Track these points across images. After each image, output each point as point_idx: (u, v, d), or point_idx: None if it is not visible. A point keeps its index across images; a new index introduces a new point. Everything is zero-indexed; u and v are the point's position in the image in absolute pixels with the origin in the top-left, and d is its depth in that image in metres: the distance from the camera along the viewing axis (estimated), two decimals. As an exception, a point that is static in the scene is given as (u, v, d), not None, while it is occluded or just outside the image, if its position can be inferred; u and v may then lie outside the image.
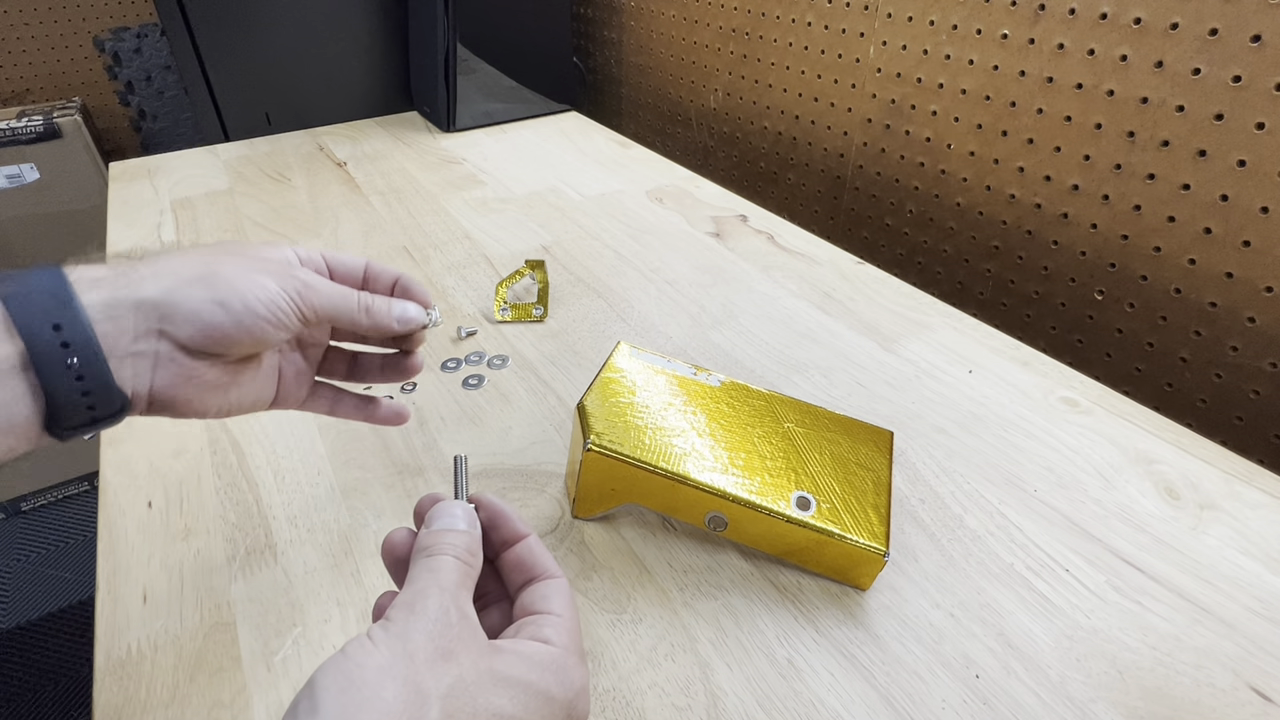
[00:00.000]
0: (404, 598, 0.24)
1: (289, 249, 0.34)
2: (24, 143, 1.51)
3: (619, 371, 0.44)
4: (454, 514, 0.27)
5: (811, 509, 0.38)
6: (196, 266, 0.29)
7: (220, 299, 0.29)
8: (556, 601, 0.27)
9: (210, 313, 0.29)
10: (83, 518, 1.59)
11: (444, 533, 0.26)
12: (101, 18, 1.72)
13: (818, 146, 0.92)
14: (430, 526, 0.27)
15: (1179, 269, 0.60)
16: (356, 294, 0.34)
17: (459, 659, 0.22)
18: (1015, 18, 0.65)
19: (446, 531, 0.27)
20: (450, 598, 0.24)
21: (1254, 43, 0.51)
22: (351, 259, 0.36)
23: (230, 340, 0.29)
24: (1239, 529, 0.42)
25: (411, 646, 0.21)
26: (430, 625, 0.22)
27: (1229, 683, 0.34)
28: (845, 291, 0.66)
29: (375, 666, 0.21)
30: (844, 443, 0.42)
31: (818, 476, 0.40)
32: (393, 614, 0.23)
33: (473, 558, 0.26)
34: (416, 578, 0.25)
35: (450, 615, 0.23)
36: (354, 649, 0.21)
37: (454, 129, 1.07)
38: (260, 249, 0.32)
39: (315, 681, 0.20)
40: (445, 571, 0.25)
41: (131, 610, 0.39)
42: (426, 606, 0.23)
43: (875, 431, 0.44)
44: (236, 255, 0.31)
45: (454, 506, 0.28)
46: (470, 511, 0.28)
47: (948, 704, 0.34)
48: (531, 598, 0.27)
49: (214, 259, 0.30)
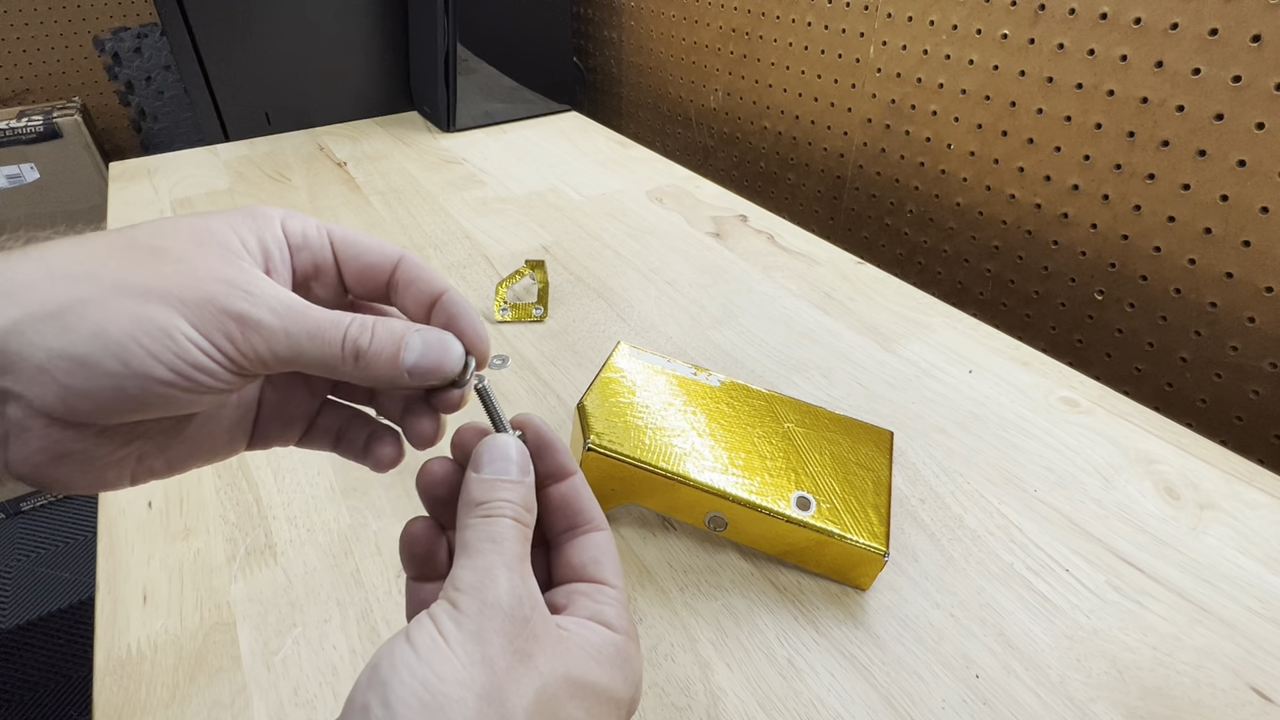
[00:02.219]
0: (468, 576, 0.20)
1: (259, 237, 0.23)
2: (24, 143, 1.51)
3: (619, 371, 0.44)
4: (508, 456, 0.23)
5: (811, 509, 0.38)
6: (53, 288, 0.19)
7: (81, 354, 0.18)
8: (609, 567, 0.24)
9: (67, 374, 0.18)
10: (83, 518, 1.59)
11: (498, 484, 0.22)
12: (101, 18, 1.72)
13: (818, 146, 0.92)
14: (480, 470, 0.23)
15: (1179, 269, 0.60)
16: (343, 329, 0.22)
17: (537, 663, 0.20)
18: (1015, 18, 0.65)
19: (501, 483, 0.23)
20: (519, 579, 0.21)
21: (1254, 43, 0.51)
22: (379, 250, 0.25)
23: (109, 411, 0.19)
24: (1239, 529, 0.42)
25: (491, 652, 0.19)
26: (506, 623, 0.19)
27: (1229, 683, 0.34)
28: (845, 291, 0.66)
29: (455, 679, 0.18)
30: (844, 443, 0.42)
31: (818, 476, 0.40)
32: (461, 601, 0.20)
33: (529, 514, 0.23)
34: (477, 548, 0.21)
35: (524, 606, 0.20)
36: (428, 650, 0.18)
37: (454, 129, 1.07)
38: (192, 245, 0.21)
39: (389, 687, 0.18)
40: (508, 541, 0.21)
41: (131, 610, 0.39)
42: (499, 595, 0.20)
43: (875, 431, 0.44)
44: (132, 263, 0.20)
45: (507, 446, 0.23)
46: (523, 452, 0.24)
47: (948, 704, 0.34)
48: (581, 557, 0.24)
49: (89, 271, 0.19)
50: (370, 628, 0.38)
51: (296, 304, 0.21)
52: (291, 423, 0.27)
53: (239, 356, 0.20)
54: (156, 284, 0.19)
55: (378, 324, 0.22)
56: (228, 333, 0.20)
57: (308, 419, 0.27)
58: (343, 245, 0.25)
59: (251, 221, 0.23)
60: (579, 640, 0.21)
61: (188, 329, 0.19)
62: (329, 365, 0.22)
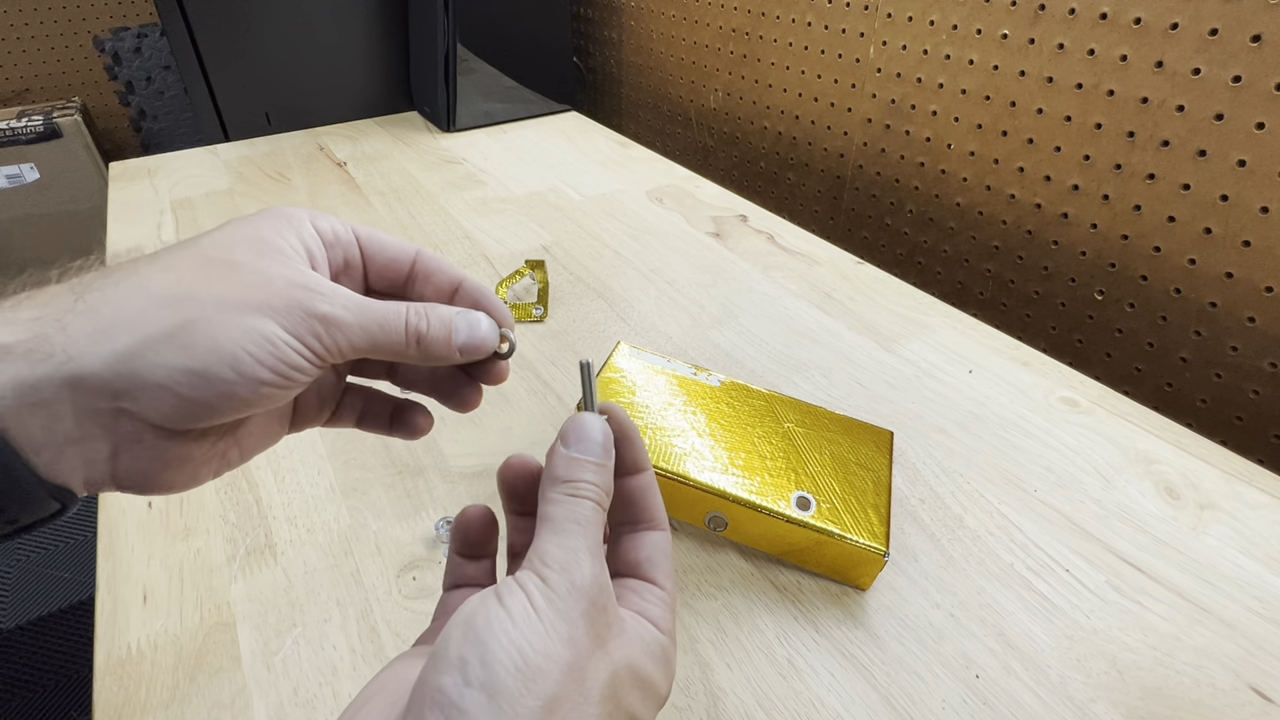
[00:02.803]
0: (557, 554, 0.21)
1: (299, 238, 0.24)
2: (24, 143, 1.51)
3: (619, 371, 0.44)
4: (594, 437, 0.24)
5: (811, 509, 0.38)
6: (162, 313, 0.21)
7: (200, 367, 0.21)
8: (662, 568, 0.25)
9: (189, 387, 0.21)
10: (83, 518, 1.59)
11: (584, 464, 0.23)
12: (101, 18, 1.72)
13: (818, 146, 0.92)
14: (569, 447, 0.24)
15: (1179, 269, 0.60)
16: (404, 317, 0.25)
17: (610, 649, 0.21)
18: (1015, 18, 0.65)
19: (586, 463, 0.23)
20: (600, 566, 0.21)
21: (1254, 43, 0.51)
22: (399, 246, 0.27)
23: (219, 413, 0.22)
24: (1239, 529, 0.42)
25: (576, 632, 0.20)
26: (590, 607, 0.20)
27: (1229, 683, 0.34)
28: (845, 291, 0.66)
29: (544, 651, 0.19)
30: (844, 443, 0.42)
31: (818, 476, 0.40)
32: (551, 578, 0.20)
33: (608, 498, 0.23)
34: (564, 527, 0.22)
35: (604, 594, 0.21)
36: (522, 619, 0.19)
37: (454, 129, 1.07)
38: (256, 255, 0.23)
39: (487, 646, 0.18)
40: (591, 526, 0.22)
41: (131, 610, 0.39)
42: (584, 579, 0.20)
43: (875, 431, 0.44)
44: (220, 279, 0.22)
45: (594, 427, 0.24)
46: (609, 434, 0.24)
47: (948, 704, 0.34)
48: (637, 554, 0.25)
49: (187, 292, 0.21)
50: (370, 628, 0.38)
51: (363, 300, 0.24)
52: (324, 404, 0.29)
53: (324, 352, 0.23)
54: (248, 296, 0.22)
55: (428, 310, 0.25)
56: (315, 333, 0.23)
57: (336, 400, 0.30)
58: (367, 241, 0.27)
59: (287, 224, 0.25)
60: (636, 633, 0.22)
61: (284, 335, 0.22)
62: (396, 350, 0.25)
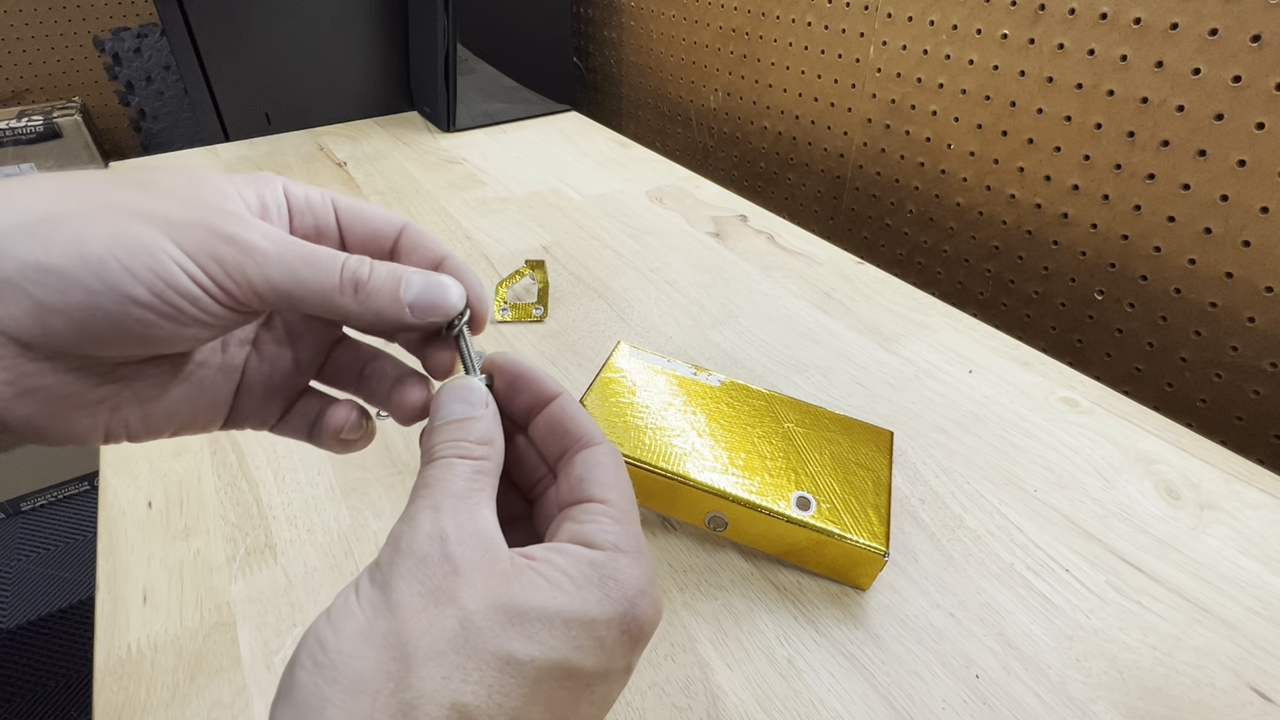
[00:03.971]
0: (396, 528, 0.19)
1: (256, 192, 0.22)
2: (24, 143, 1.51)
3: (619, 371, 0.44)
4: (454, 401, 0.22)
5: (811, 509, 0.38)
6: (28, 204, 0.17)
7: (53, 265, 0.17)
8: (599, 481, 0.22)
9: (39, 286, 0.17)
10: (83, 518, 1.59)
11: (444, 427, 0.21)
12: (101, 18, 1.72)
13: (818, 146, 0.92)
14: (434, 418, 0.22)
15: (1179, 269, 0.60)
16: (339, 260, 0.21)
17: (459, 598, 0.18)
18: (1015, 18, 0.65)
19: (447, 425, 0.21)
20: (448, 516, 0.19)
21: (1254, 43, 0.51)
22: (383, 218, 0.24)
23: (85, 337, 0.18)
24: (1239, 529, 0.42)
25: (396, 597, 0.18)
26: (416, 565, 0.18)
27: (1229, 683, 0.34)
28: (845, 291, 0.66)
29: (354, 633, 0.17)
30: (844, 443, 0.42)
31: (818, 476, 0.40)
32: (381, 555, 0.19)
33: (486, 445, 0.21)
34: (411, 499, 0.20)
35: (447, 544, 0.18)
36: (337, 610, 0.18)
37: (454, 129, 1.07)
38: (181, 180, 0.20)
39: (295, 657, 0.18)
40: (446, 482, 0.20)
41: (131, 610, 0.39)
42: (414, 540, 0.19)
43: (875, 431, 0.44)
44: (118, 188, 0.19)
45: (455, 391, 0.22)
46: (478, 389, 0.22)
47: (948, 704, 0.34)
48: (569, 480, 0.22)
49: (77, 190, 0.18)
50: (370, 628, 0.38)
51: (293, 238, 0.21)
52: (271, 399, 0.25)
53: (228, 283, 0.19)
54: (142, 206, 0.18)
55: (376, 262, 0.22)
56: (218, 255, 0.19)
57: (288, 399, 0.26)
58: (347, 211, 0.24)
59: (254, 182, 0.22)
60: (536, 567, 0.19)
61: (172, 249, 0.18)
62: (327, 297, 0.21)
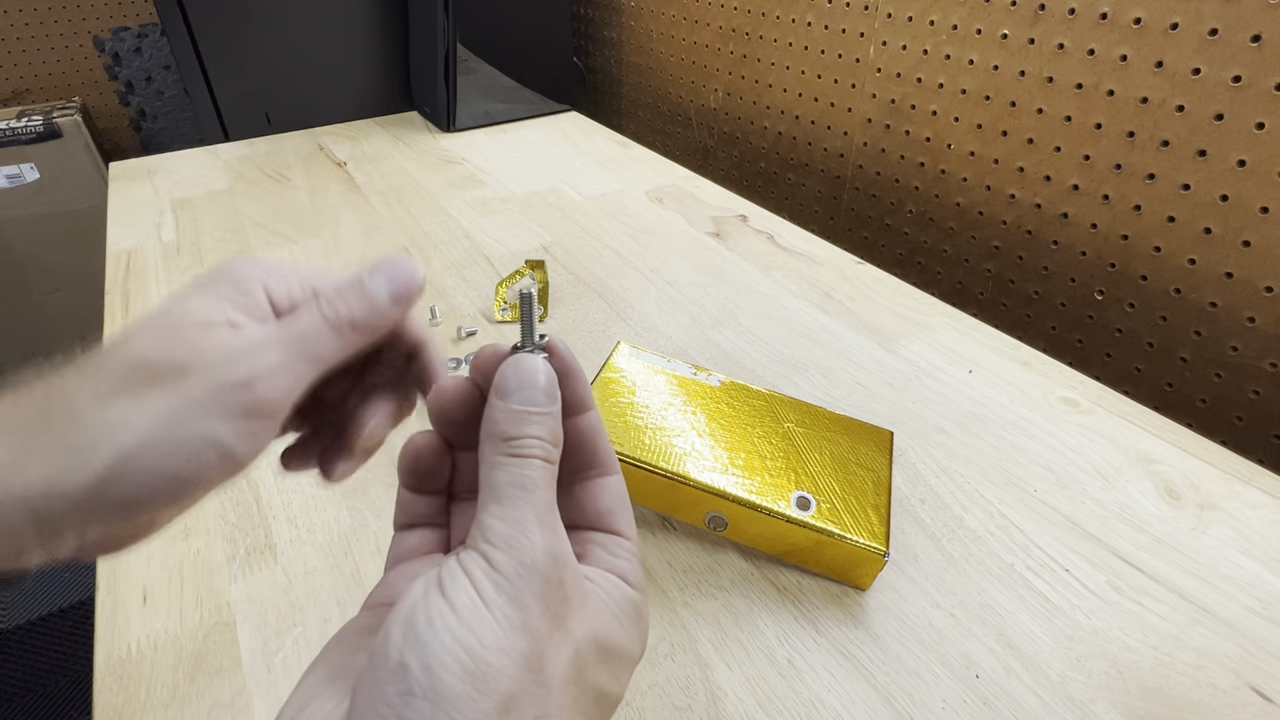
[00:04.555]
0: (501, 529, 0.19)
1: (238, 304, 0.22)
2: (24, 143, 1.51)
3: (619, 371, 0.44)
4: (535, 383, 0.21)
5: (811, 509, 0.38)
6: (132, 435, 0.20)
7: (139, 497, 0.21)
8: (624, 517, 0.23)
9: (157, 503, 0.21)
10: (83, 518, 1.59)
11: (526, 416, 0.21)
12: (101, 18, 1.72)
13: (818, 146, 0.92)
14: (507, 398, 0.21)
15: (1179, 269, 0.60)
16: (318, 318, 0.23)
17: (570, 626, 0.19)
18: (1015, 18, 0.65)
19: (529, 415, 0.21)
20: (553, 534, 0.20)
21: (1254, 43, 0.51)
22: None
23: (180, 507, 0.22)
24: (1239, 529, 0.42)
25: (530, 618, 0.18)
26: (543, 585, 0.19)
27: (1229, 683, 0.34)
28: (845, 291, 0.66)
29: (496, 646, 0.17)
30: (844, 443, 0.42)
31: (818, 476, 0.40)
32: (497, 558, 0.19)
33: (556, 449, 0.21)
34: (509, 494, 0.20)
35: (558, 566, 0.19)
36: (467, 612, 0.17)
37: (454, 129, 1.07)
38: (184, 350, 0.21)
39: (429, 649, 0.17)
40: (539, 489, 0.20)
41: (131, 610, 0.39)
42: (535, 556, 0.19)
43: (875, 431, 0.44)
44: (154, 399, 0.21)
45: (535, 370, 0.22)
46: (552, 376, 0.22)
47: (948, 704, 0.34)
48: (597, 505, 0.23)
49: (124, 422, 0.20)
50: (370, 628, 0.38)
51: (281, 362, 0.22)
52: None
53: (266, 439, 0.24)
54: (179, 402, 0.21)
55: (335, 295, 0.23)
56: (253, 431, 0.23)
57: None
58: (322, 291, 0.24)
59: (233, 291, 0.23)
60: (604, 597, 0.21)
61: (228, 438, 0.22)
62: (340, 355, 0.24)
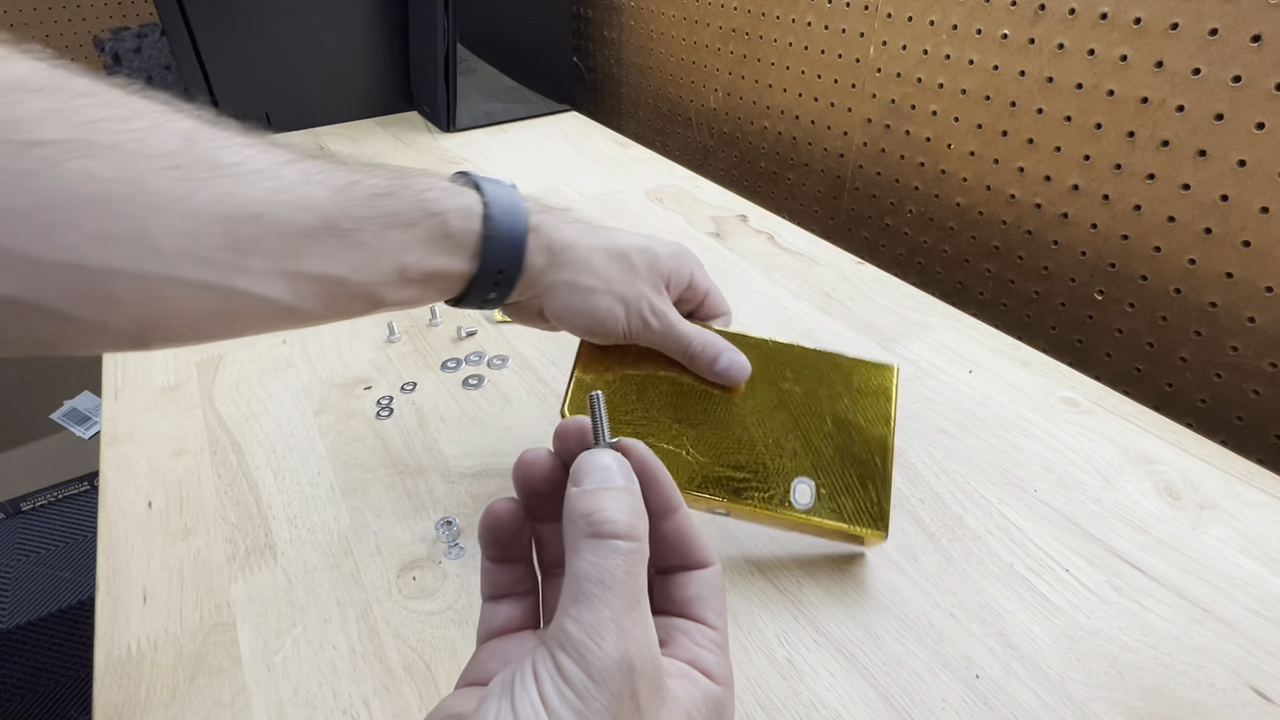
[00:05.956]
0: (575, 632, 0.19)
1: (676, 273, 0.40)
2: (24, 143, 1.51)
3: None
4: (607, 465, 0.22)
5: (811, 499, 0.37)
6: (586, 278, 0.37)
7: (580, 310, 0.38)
8: (713, 606, 0.23)
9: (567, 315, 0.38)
10: (83, 518, 1.59)
11: (601, 492, 0.21)
12: (101, 18, 1.72)
13: (818, 146, 0.92)
14: (581, 483, 0.22)
15: (1179, 269, 0.60)
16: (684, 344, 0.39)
17: None
18: (1015, 18, 0.65)
19: (604, 491, 0.21)
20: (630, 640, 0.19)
21: (1254, 43, 0.51)
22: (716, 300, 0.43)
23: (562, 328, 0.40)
24: (1239, 529, 0.42)
25: None
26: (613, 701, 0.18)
27: (1229, 683, 0.34)
28: (845, 291, 0.66)
29: None
30: (845, 398, 0.40)
31: (819, 451, 0.39)
32: (566, 666, 0.18)
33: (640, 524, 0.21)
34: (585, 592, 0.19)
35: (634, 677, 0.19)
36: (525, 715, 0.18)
37: (454, 129, 1.07)
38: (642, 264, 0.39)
39: None
40: (619, 584, 0.19)
41: (131, 610, 0.39)
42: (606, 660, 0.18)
43: (877, 373, 0.41)
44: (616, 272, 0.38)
45: (604, 455, 0.22)
46: (623, 462, 0.23)
47: (948, 704, 0.34)
48: (684, 592, 0.23)
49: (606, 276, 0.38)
50: (370, 628, 0.38)
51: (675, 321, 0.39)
52: None
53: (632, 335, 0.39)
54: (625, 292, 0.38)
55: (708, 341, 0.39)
56: (636, 325, 0.38)
57: None
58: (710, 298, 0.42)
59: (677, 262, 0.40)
60: (684, 700, 0.20)
61: (623, 320, 0.38)
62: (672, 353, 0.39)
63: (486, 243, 0.34)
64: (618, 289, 0.38)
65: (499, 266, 0.35)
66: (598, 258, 0.38)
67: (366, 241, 0.30)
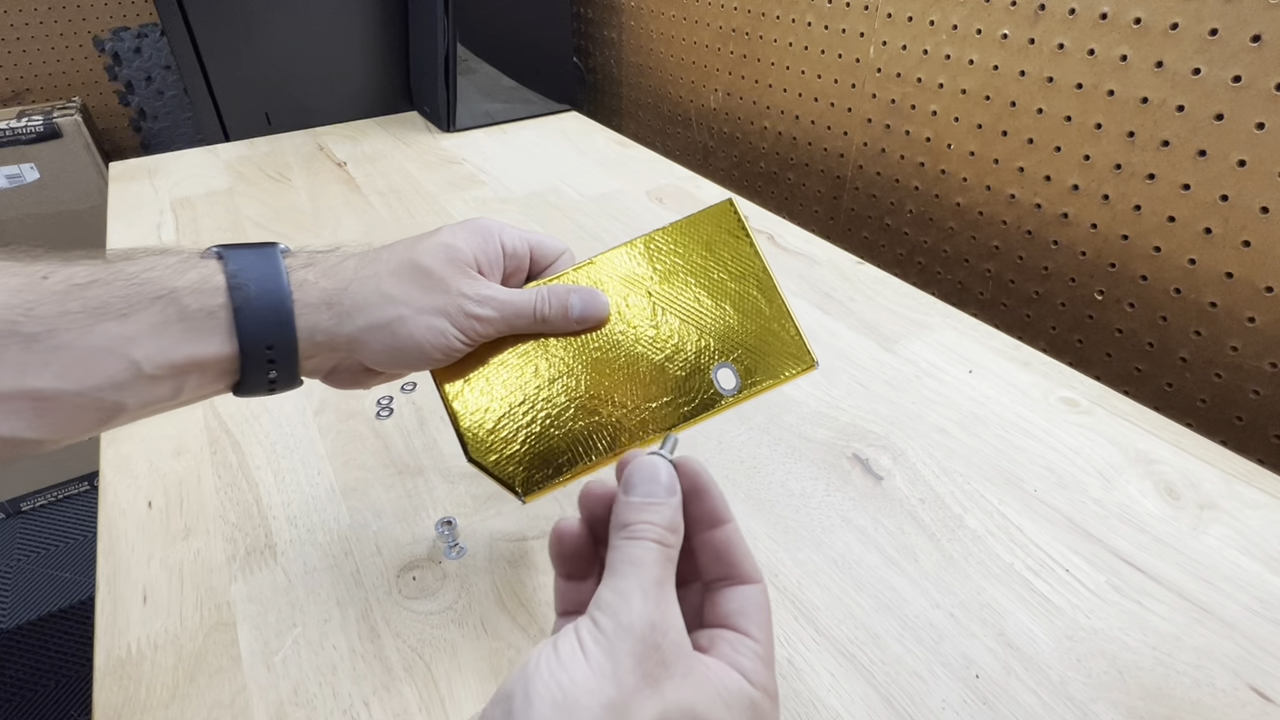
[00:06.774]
0: (609, 598, 0.22)
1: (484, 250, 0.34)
2: (24, 143, 1.51)
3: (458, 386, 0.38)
4: (656, 478, 0.25)
5: (735, 380, 0.35)
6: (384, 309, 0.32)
7: (398, 349, 0.32)
8: (755, 620, 0.25)
9: (388, 358, 0.33)
10: (83, 518, 1.59)
11: (644, 506, 0.24)
12: (101, 18, 1.72)
13: (818, 146, 0.92)
14: (629, 494, 0.25)
15: (1179, 269, 0.60)
16: (532, 305, 0.34)
17: (663, 688, 0.21)
18: (1015, 18, 0.65)
19: (647, 505, 0.24)
20: (654, 604, 0.22)
21: (1254, 43, 0.51)
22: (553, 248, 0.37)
23: (401, 371, 0.35)
24: (1239, 529, 0.42)
25: (620, 670, 0.21)
26: (637, 645, 0.21)
27: (1229, 683, 0.34)
28: (845, 291, 0.66)
29: (585, 687, 0.20)
30: (708, 266, 0.37)
31: (716, 331, 0.36)
32: (600, 620, 0.22)
33: (673, 534, 0.24)
34: (620, 570, 0.23)
35: (656, 632, 0.22)
36: (568, 657, 0.21)
37: (454, 129, 1.07)
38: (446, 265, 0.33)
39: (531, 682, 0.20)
40: (648, 566, 0.23)
41: (131, 610, 0.39)
42: (632, 619, 0.22)
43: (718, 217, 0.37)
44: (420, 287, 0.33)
45: (656, 467, 0.25)
46: (671, 474, 0.26)
47: (948, 704, 0.34)
48: (728, 606, 0.26)
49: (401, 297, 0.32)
50: (370, 628, 0.38)
51: (507, 298, 0.34)
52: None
53: (476, 339, 0.34)
54: (436, 304, 0.32)
55: (551, 295, 0.34)
56: (472, 330, 0.33)
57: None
58: (536, 248, 0.36)
59: (480, 239, 0.34)
60: (712, 678, 0.23)
61: (454, 332, 0.33)
62: (528, 328, 0.35)
63: (239, 315, 0.29)
64: (426, 303, 0.32)
65: (266, 342, 0.30)
66: (387, 284, 0.32)
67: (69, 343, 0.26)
